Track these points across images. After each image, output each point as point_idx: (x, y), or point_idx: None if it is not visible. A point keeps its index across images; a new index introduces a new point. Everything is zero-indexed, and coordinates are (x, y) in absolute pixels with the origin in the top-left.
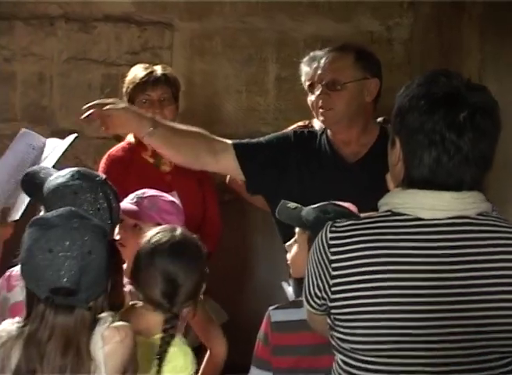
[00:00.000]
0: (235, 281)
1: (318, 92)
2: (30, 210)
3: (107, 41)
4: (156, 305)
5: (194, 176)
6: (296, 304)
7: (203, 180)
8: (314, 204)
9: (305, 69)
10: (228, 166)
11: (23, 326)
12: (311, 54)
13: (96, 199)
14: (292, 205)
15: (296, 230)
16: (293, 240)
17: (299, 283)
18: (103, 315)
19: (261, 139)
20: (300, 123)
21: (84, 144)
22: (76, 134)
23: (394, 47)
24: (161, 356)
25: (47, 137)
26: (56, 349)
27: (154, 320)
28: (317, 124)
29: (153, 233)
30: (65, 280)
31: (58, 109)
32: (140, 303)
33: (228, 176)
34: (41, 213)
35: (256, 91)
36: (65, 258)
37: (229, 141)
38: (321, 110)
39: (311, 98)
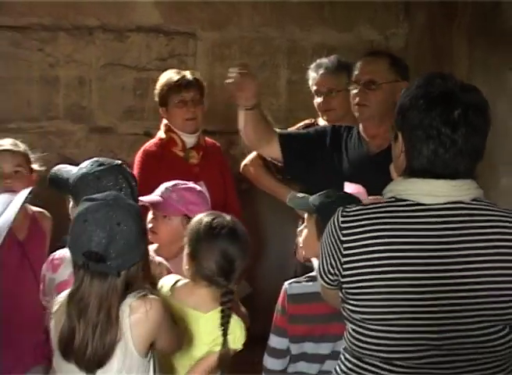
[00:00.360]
0: (251, 260)
1: (355, 91)
2: (62, 202)
3: (139, 49)
4: (212, 281)
5: (217, 168)
6: (310, 278)
7: (224, 171)
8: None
9: (312, 75)
10: (274, 151)
11: None
12: (317, 61)
13: (117, 180)
14: (300, 194)
15: (305, 215)
16: (303, 226)
17: None
18: (140, 287)
19: (302, 131)
20: (307, 121)
21: (118, 140)
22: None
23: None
24: (225, 327)
25: (86, 134)
26: (92, 307)
27: (207, 296)
28: (321, 123)
29: (209, 219)
30: (94, 245)
31: (96, 109)
32: (185, 280)
33: (241, 167)
34: (70, 205)
35: (269, 93)
36: (96, 227)
37: (278, 130)
38: (357, 106)
39: (316, 100)
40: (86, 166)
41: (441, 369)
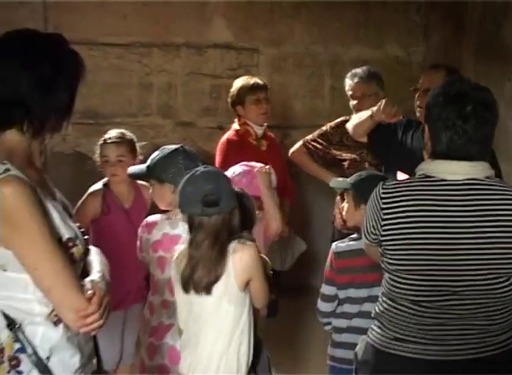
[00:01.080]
0: (300, 225)
1: (417, 95)
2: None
3: (214, 61)
4: None
5: (278, 154)
6: (352, 239)
7: (281, 156)
8: (408, 169)
9: (348, 82)
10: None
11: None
12: (352, 71)
13: (189, 156)
14: (339, 179)
15: (345, 194)
16: (344, 202)
17: None
18: (240, 235)
19: (384, 124)
20: (343, 118)
21: (198, 132)
22: None
23: (412, 67)
24: None
25: (172, 127)
26: (209, 244)
27: None
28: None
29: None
30: (207, 192)
31: (180, 108)
32: None
33: (289, 153)
34: (150, 190)
35: (316, 97)
36: (202, 181)
37: None
38: (418, 108)
39: (352, 102)
40: (158, 153)
41: (458, 310)
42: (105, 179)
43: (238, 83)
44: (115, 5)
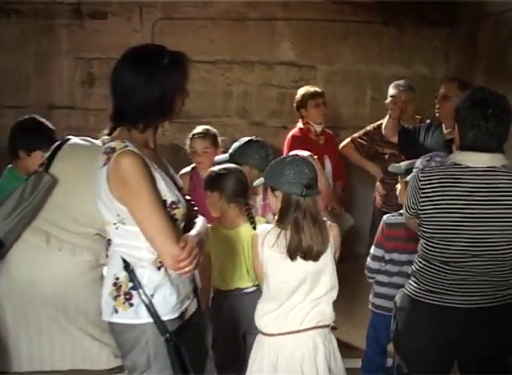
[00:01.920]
0: (349, 204)
1: (436, 100)
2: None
3: (280, 75)
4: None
5: (333, 147)
6: (400, 214)
7: (336, 149)
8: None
9: (391, 91)
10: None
11: (278, 224)
12: (395, 82)
13: (263, 146)
14: (396, 164)
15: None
16: (398, 185)
17: None
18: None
19: (411, 126)
20: (381, 121)
21: (267, 130)
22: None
23: (436, 82)
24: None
25: (247, 126)
26: (308, 221)
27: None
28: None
29: (218, 168)
30: (311, 174)
31: (254, 111)
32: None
33: (339, 147)
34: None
35: (359, 105)
36: (302, 166)
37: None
38: (437, 110)
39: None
40: (237, 144)
41: (477, 269)
42: (194, 164)
43: (301, 91)
44: (205, 32)
